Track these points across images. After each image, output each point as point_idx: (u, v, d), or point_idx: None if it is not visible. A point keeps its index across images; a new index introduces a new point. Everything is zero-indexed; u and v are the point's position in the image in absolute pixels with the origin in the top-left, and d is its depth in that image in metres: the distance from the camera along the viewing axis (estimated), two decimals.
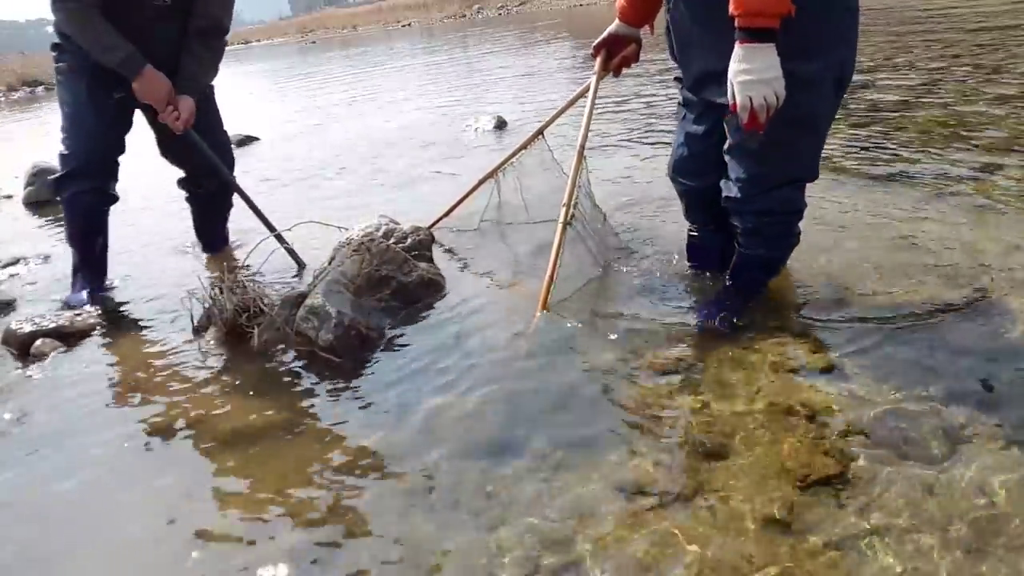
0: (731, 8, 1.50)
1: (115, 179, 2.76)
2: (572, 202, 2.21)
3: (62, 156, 2.66)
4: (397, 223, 2.73)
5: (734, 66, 1.54)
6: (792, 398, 1.64)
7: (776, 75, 1.51)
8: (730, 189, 1.87)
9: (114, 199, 2.80)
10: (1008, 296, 1.94)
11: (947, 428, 1.48)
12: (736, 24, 1.51)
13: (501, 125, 5.28)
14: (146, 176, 4.34)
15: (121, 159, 2.77)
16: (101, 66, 2.51)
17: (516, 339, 2.06)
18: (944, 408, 1.54)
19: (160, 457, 1.77)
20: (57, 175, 2.70)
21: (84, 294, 2.75)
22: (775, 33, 1.49)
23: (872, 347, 1.79)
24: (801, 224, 1.96)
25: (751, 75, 1.52)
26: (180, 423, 1.90)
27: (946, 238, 2.33)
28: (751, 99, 1.53)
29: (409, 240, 2.63)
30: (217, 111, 2.93)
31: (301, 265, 2.86)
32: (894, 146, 3.45)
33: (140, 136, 2.86)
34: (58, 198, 2.77)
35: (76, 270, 2.84)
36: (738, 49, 1.52)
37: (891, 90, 4.64)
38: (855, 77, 1.79)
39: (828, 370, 1.72)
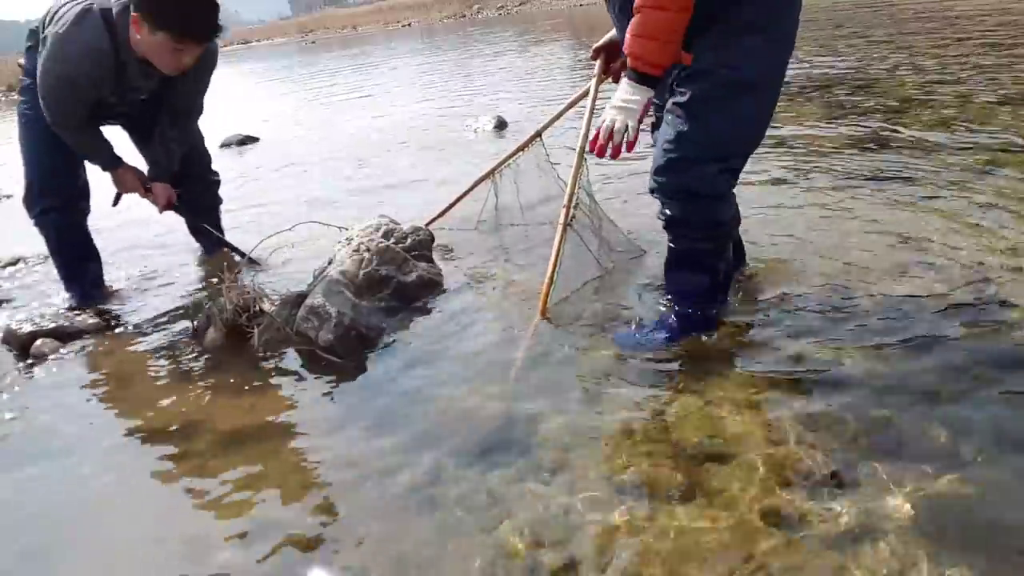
0: (624, 47, 1.69)
1: (77, 190, 2.73)
2: (573, 203, 2.21)
3: (26, 174, 2.70)
4: (397, 223, 2.74)
5: (616, 93, 1.75)
6: (791, 399, 1.64)
7: (635, 112, 1.72)
8: (651, 180, 1.84)
9: (83, 212, 2.78)
10: (1009, 296, 1.93)
11: (947, 428, 1.47)
12: (627, 63, 1.70)
13: (501, 125, 5.28)
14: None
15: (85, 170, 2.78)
16: None
17: (515, 340, 2.06)
18: (945, 408, 1.54)
19: (160, 457, 1.77)
20: (23, 197, 2.73)
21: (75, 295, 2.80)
22: (656, 80, 1.70)
23: (872, 348, 1.78)
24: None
25: (626, 104, 1.73)
26: (180, 423, 1.90)
27: (946, 238, 2.33)
28: (615, 121, 1.73)
29: (409, 240, 2.63)
30: (202, 140, 2.99)
31: (248, 260, 2.88)
32: (894, 146, 3.45)
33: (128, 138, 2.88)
34: (31, 217, 2.78)
35: (66, 287, 2.84)
36: (623, 81, 1.74)
37: (891, 89, 4.65)
38: (855, 76, 1.79)
39: (827, 371, 1.72)
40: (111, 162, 2.65)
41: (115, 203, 2.90)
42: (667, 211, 1.84)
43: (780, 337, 1.89)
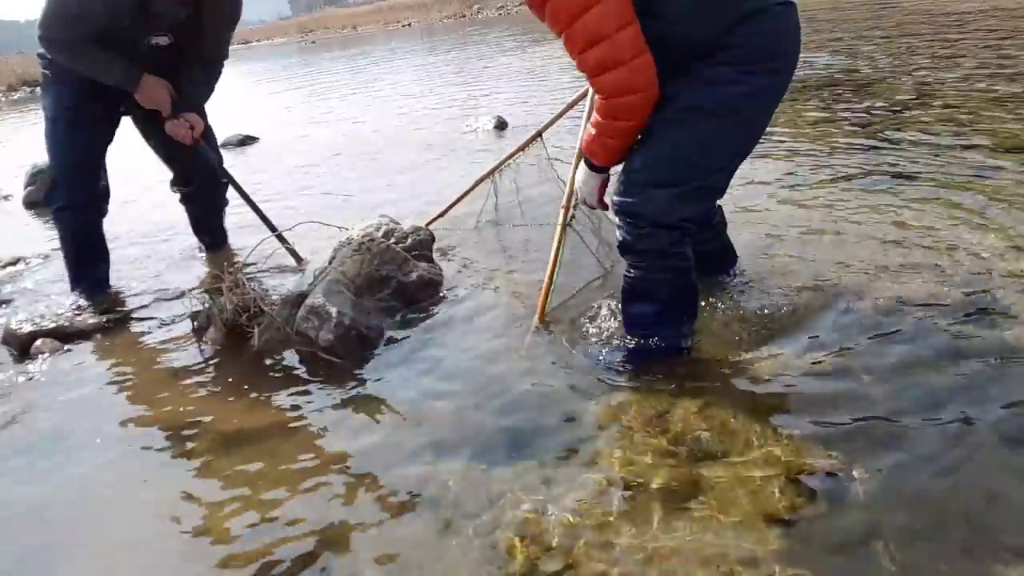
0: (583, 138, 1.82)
1: (98, 191, 2.74)
2: (572, 203, 2.21)
3: (50, 171, 2.71)
4: (398, 223, 2.73)
5: (578, 172, 1.94)
6: (791, 398, 1.64)
7: (591, 191, 1.89)
8: (611, 199, 1.81)
9: (101, 212, 2.79)
10: (1008, 295, 1.93)
11: (947, 427, 1.47)
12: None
13: (501, 125, 5.27)
14: (142, 177, 4.34)
15: (108, 170, 2.79)
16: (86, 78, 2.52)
17: (516, 341, 2.06)
18: (944, 407, 1.54)
19: (160, 457, 1.77)
20: (46, 192, 2.73)
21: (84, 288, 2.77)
22: (605, 169, 1.83)
23: (872, 347, 1.78)
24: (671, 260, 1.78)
25: (584, 186, 1.90)
26: (180, 423, 1.90)
27: (946, 238, 2.33)
28: (583, 198, 1.94)
29: (409, 240, 2.63)
30: (208, 125, 2.96)
31: (300, 261, 2.85)
32: (894, 146, 3.45)
33: (132, 137, 2.87)
34: (52, 210, 2.77)
35: (72, 285, 2.82)
36: (582, 164, 1.89)
37: (892, 90, 4.65)
38: (856, 76, 1.77)
39: (827, 371, 1.72)
40: (129, 75, 2.53)
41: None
42: (619, 235, 1.79)
43: (780, 337, 1.89)
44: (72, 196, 2.68)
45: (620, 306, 1.92)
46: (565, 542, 1.32)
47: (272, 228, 2.87)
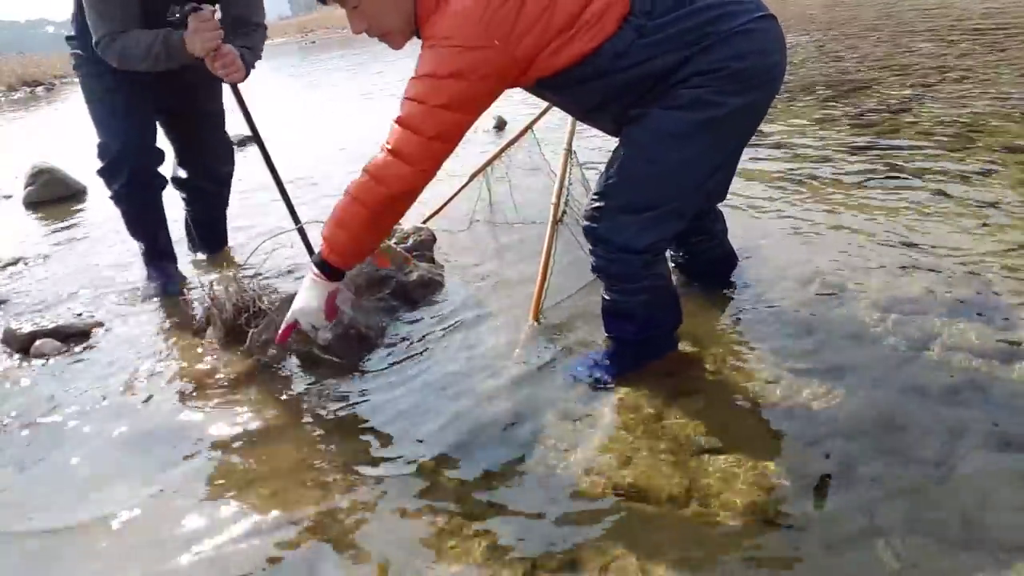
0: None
1: (159, 159, 2.67)
2: (562, 200, 2.21)
3: (102, 146, 2.57)
4: (399, 223, 2.73)
5: (300, 293, 1.81)
6: (789, 398, 1.64)
7: (316, 311, 1.79)
8: (581, 223, 1.78)
9: (164, 181, 2.75)
10: (1007, 296, 1.94)
11: (945, 427, 1.48)
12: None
13: (501, 125, 5.27)
14: None
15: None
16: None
17: (513, 340, 2.07)
18: (942, 407, 1.54)
19: (160, 457, 1.78)
20: (102, 166, 2.60)
21: (158, 285, 2.78)
22: (341, 274, 1.75)
23: (869, 348, 1.79)
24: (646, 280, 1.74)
25: (305, 307, 1.79)
26: (180, 423, 1.91)
27: (944, 238, 2.33)
28: (303, 324, 1.82)
29: (411, 240, 2.63)
30: (224, 128, 2.96)
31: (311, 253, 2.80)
32: (894, 146, 3.45)
33: None
34: (110, 190, 2.66)
35: (147, 262, 2.84)
36: (306, 277, 1.79)
37: (891, 89, 4.65)
38: (855, 76, 1.77)
39: (825, 371, 1.72)
40: (169, 37, 2.35)
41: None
42: (591, 257, 1.76)
43: (778, 338, 1.89)
44: (121, 148, 2.56)
45: (602, 323, 1.87)
46: (564, 542, 1.32)
47: (296, 221, 2.83)
